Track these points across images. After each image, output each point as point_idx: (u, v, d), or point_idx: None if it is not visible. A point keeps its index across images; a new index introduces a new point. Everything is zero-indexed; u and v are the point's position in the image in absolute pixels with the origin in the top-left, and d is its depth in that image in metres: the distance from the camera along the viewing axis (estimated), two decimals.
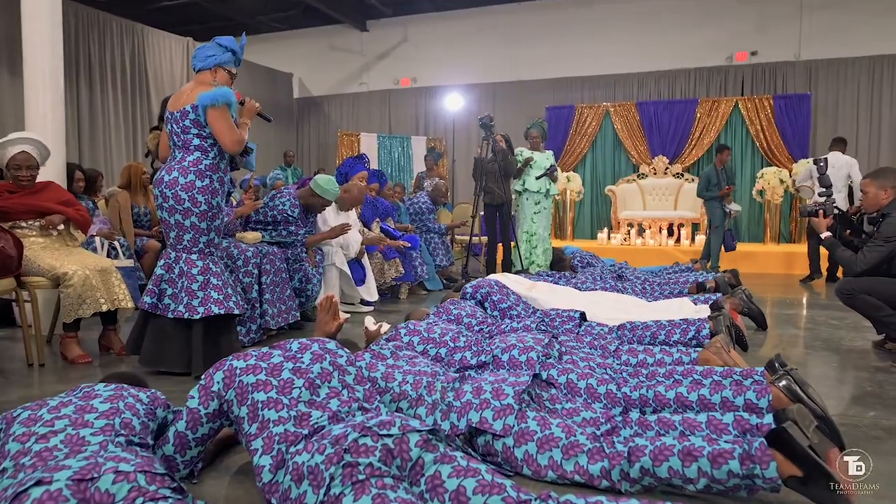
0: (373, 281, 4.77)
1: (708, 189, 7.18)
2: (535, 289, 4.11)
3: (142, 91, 10.49)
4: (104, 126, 10.09)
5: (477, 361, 2.54)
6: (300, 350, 1.88)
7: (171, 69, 10.96)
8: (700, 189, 7.32)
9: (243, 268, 3.61)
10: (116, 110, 10.29)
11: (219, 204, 3.01)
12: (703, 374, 2.42)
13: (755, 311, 4.04)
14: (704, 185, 7.22)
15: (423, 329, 2.71)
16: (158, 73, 10.74)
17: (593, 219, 10.72)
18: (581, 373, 2.36)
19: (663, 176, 9.59)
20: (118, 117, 10.32)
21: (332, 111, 14.35)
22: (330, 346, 1.93)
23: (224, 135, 2.90)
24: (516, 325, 3.09)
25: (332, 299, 2.42)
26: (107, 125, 10.14)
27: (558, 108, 10.85)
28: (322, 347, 1.91)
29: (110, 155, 10.09)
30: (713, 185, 7.16)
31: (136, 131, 10.50)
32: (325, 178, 4.15)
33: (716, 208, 7.14)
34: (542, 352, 2.45)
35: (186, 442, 1.77)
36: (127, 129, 10.36)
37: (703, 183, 7.27)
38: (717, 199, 7.13)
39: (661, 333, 3.15)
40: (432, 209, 6.30)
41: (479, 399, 1.95)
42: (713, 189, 7.14)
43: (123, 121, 10.40)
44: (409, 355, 2.36)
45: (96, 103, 9.95)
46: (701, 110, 9.89)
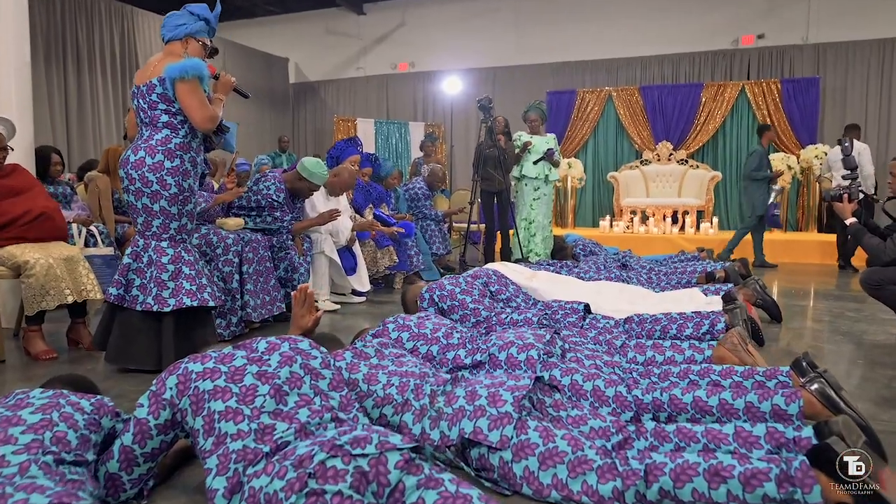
0: (365, 270, 4.53)
1: (758, 169, 6.66)
2: (536, 278, 3.87)
3: (132, 75, 10.17)
4: (93, 111, 9.81)
5: (472, 361, 2.30)
6: (267, 351, 1.64)
7: None
8: (750, 169, 6.72)
9: (223, 256, 3.37)
10: (106, 95, 10.01)
11: (190, 186, 2.76)
12: (722, 374, 2.18)
13: (769, 302, 3.81)
14: (756, 166, 6.67)
15: (414, 324, 2.48)
16: (149, 56, 10.42)
17: (595, 206, 10.46)
18: (587, 373, 2.13)
19: (667, 162, 9.32)
20: (108, 102, 10.05)
21: (328, 96, 14.06)
22: (302, 346, 1.69)
23: (194, 111, 2.64)
24: (516, 316, 2.85)
25: (306, 291, 2.18)
26: (96, 110, 9.87)
27: (559, 93, 10.56)
28: (293, 348, 1.67)
29: (100, 140, 9.81)
30: (763, 167, 6.67)
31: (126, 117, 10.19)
32: (312, 160, 3.90)
33: (761, 192, 6.73)
34: (543, 350, 2.22)
35: (133, 458, 1.53)
36: (117, 113, 10.07)
37: (754, 163, 6.70)
38: (764, 183, 6.66)
39: (673, 327, 2.92)
40: (428, 195, 6.04)
41: (474, 406, 1.72)
42: (763, 171, 6.66)
43: (113, 105, 10.12)
44: (396, 353, 2.12)
45: (84, 88, 9.67)
46: (706, 95, 9.60)
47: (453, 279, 3.10)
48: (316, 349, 1.72)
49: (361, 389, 1.91)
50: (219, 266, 3.35)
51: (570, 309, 3.16)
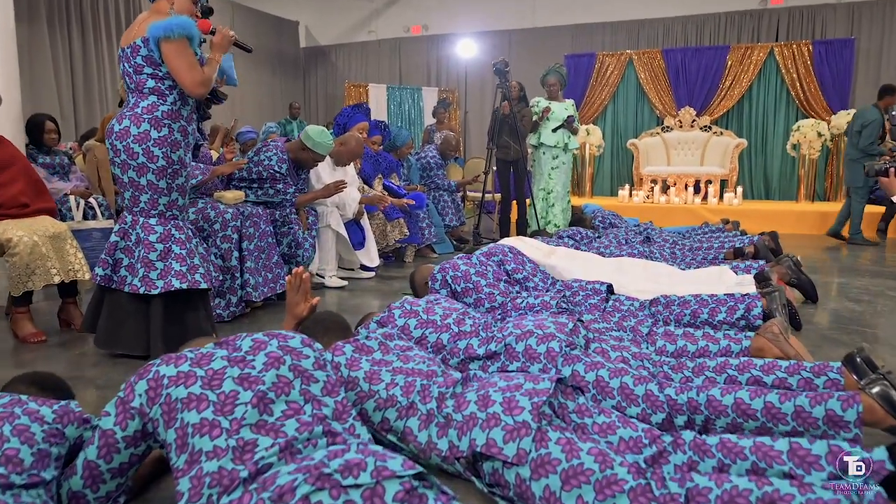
0: (373, 244, 4.32)
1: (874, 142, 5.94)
2: (555, 255, 3.64)
3: None
4: (99, 77, 9.56)
5: (485, 351, 2.09)
6: (252, 350, 1.44)
7: None
8: (868, 142, 6.00)
9: (221, 232, 3.17)
10: (112, 60, 9.73)
11: (181, 159, 2.54)
12: (764, 369, 1.96)
13: (805, 281, 3.55)
14: (875, 133, 5.95)
15: (422, 309, 2.27)
16: None
17: (614, 175, 10.13)
18: (613, 369, 1.91)
19: (689, 129, 8.93)
20: (115, 67, 9.78)
21: (339, 61, 13.69)
22: (293, 344, 1.49)
23: (183, 74, 2.41)
24: (533, 300, 2.63)
25: (300, 275, 1.97)
26: (102, 76, 9.61)
27: (578, 57, 10.15)
28: (282, 346, 1.47)
29: (107, 108, 9.58)
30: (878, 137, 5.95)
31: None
32: (316, 129, 3.66)
33: None
34: (564, 341, 2.00)
35: (98, 474, 1.35)
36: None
37: (873, 131, 5.96)
38: (876, 155, 5.88)
39: (704, 311, 2.68)
40: (441, 164, 5.79)
41: (487, 413, 1.51)
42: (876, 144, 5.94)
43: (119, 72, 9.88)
44: (402, 347, 1.92)
45: (90, 53, 9.40)
46: (732, 58, 9.15)
47: (467, 259, 2.88)
48: (309, 346, 1.52)
49: (362, 389, 1.72)
50: (216, 242, 3.16)
51: (591, 290, 2.93)
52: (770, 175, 9.28)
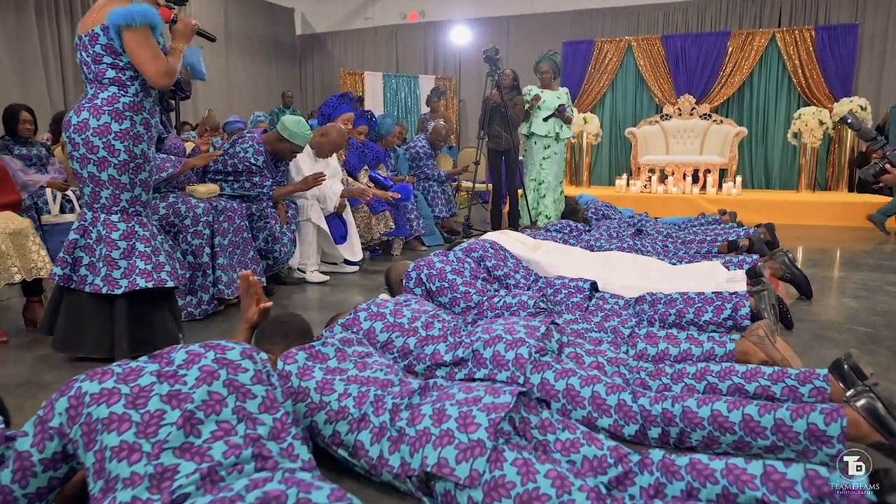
0: (356, 238, 4.21)
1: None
2: (540, 250, 3.53)
3: None
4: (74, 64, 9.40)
5: (452, 357, 1.99)
6: (185, 364, 1.34)
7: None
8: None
9: (192, 227, 3.06)
10: None
11: (144, 152, 2.43)
12: (747, 376, 1.85)
13: (799, 276, 3.43)
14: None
15: (389, 312, 2.16)
16: None
17: (612, 164, 9.99)
18: (585, 377, 1.81)
19: (689, 117, 8.77)
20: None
21: (336, 49, 13.51)
22: (231, 356, 1.39)
23: (146, 64, 2.29)
24: (510, 299, 2.52)
25: (248, 278, 1.87)
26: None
27: (576, 43, 9.97)
28: (218, 359, 1.36)
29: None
30: None
31: None
32: (293, 119, 3.54)
33: None
34: (535, 346, 1.90)
35: (12, 500, 1.25)
36: None
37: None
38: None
39: (690, 311, 2.57)
40: (430, 154, 5.66)
41: (440, 429, 1.41)
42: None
43: None
44: (361, 353, 1.82)
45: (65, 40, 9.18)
46: (733, 44, 8.97)
47: (443, 255, 2.77)
48: (249, 358, 1.41)
49: (313, 400, 1.61)
50: (187, 238, 3.05)
51: (574, 287, 2.83)
52: (770, 164, 9.13)
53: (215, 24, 11.48)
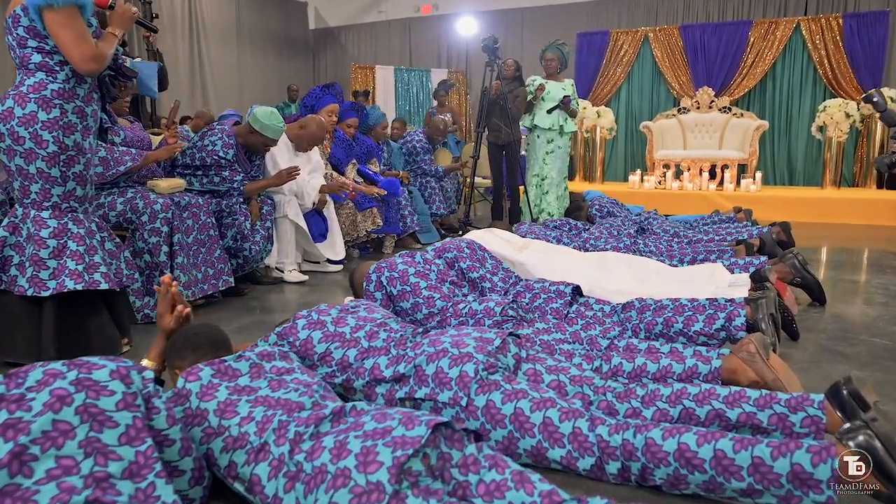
0: (339, 236, 4.00)
1: None
2: (528, 249, 3.27)
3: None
4: None
5: (393, 373, 1.76)
6: (37, 386, 1.13)
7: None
8: None
9: (149, 224, 2.87)
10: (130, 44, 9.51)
11: (77, 144, 2.24)
12: (729, 400, 1.59)
13: (811, 280, 3.13)
14: None
15: (331, 320, 1.94)
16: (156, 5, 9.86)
17: (627, 159, 9.65)
18: (538, 400, 1.57)
19: (707, 110, 8.39)
20: None
21: (349, 43, 13.34)
22: (98, 376, 1.18)
23: (70, 48, 2.10)
24: (476, 306, 2.28)
25: (168, 284, 1.66)
26: None
27: (590, 35, 9.64)
28: (79, 380, 1.15)
29: None
30: None
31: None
32: (265, 110, 3.34)
33: None
34: (483, 362, 1.66)
35: None
36: None
37: None
38: None
39: (678, 320, 2.30)
40: (428, 149, 5.43)
41: (337, 467, 1.18)
42: None
43: None
44: (280, 369, 1.59)
45: None
46: (755, 34, 8.57)
47: (409, 256, 2.54)
48: (120, 380, 1.20)
49: (210, 424, 1.40)
50: (144, 236, 2.86)
51: (554, 292, 2.57)
52: (794, 159, 8.71)
53: (227, 19, 11.40)
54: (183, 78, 10.44)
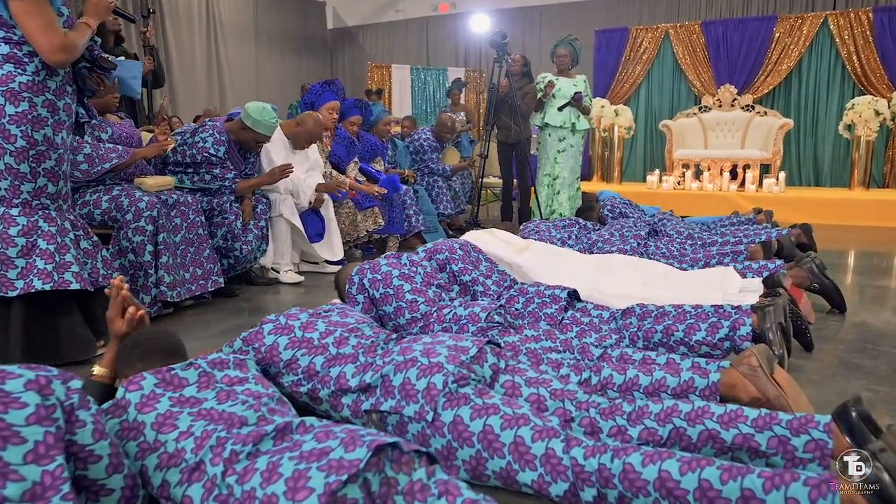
0: (337, 236, 3.89)
1: None
2: (528, 251, 3.13)
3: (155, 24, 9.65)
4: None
5: (359, 382, 1.64)
6: None
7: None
8: None
9: (133, 223, 2.79)
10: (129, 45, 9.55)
11: (48, 138, 2.16)
12: (724, 420, 1.43)
13: (829, 286, 2.93)
14: None
15: (300, 325, 1.82)
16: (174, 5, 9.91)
17: (647, 159, 9.40)
18: (511, 416, 1.43)
19: (730, 109, 8.13)
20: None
21: (366, 42, 13.29)
22: (9, 387, 1.07)
23: (37, 36, 2.02)
24: (461, 311, 2.15)
25: (118, 286, 1.56)
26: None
27: (609, 32, 9.42)
28: None
29: None
30: None
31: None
32: (256, 105, 3.25)
33: None
34: (454, 373, 1.52)
35: None
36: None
37: None
38: None
39: (679, 328, 2.14)
40: (436, 147, 5.30)
41: (265, 493, 1.06)
42: None
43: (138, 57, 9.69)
44: (232, 379, 1.48)
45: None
46: (780, 29, 8.27)
47: (395, 258, 2.41)
48: (37, 391, 1.09)
49: (146, 439, 1.28)
50: (128, 235, 2.78)
51: (549, 296, 2.42)
52: (821, 159, 8.40)
53: (245, 18, 11.41)
54: (200, 77, 10.47)
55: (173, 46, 9.86)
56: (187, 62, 10.20)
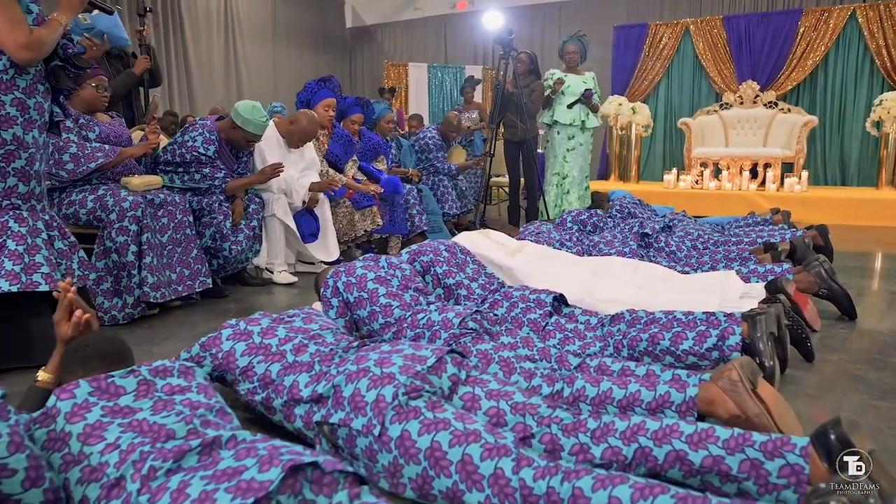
0: (332, 236, 3.82)
1: None
2: (522, 253, 3.03)
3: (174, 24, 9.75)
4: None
5: (311, 393, 1.56)
6: None
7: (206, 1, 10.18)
8: None
9: (117, 223, 2.75)
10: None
11: (18, 138, 2.12)
12: (693, 440, 1.33)
13: (838, 292, 2.77)
14: None
15: (260, 330, 1.75)
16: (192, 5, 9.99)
17: (666, 158, 9.21)
18: (461, 432, 1.34)
19: (752, 105, 7.89)
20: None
21: (385, 41, 13.27)
22: None
23: (2, 34, 1.98)
24: (435, 316, 2.05)
25: (66, 289, 1.51)
26: None
27: (628, 28, 9.24)
28: None
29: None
30: None
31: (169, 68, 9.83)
32: (246, 104, 3.20)
33: None
34: (406, 385, 1.44)
35: None
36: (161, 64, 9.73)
37: None
38: None
39: (665, 336, 2.02)
40: (441, 146, 5.21)
41: None
42: None
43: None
44: (173, 388, 1.41)
45: None
46: (805, 23, 8.02)
47: (372, 260, 2.33)
48: None
49: (71, 451, 1.22)
50: (111, 235, 2.75)
51: (534, 301, 2.32)
52: (847, 157, 8.11)
53: (263, 16, 11.45)
54: (218, 75, 10.54)
55: (191, 47, 9.93)
56: (205, 62, 10.26)
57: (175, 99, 9.72)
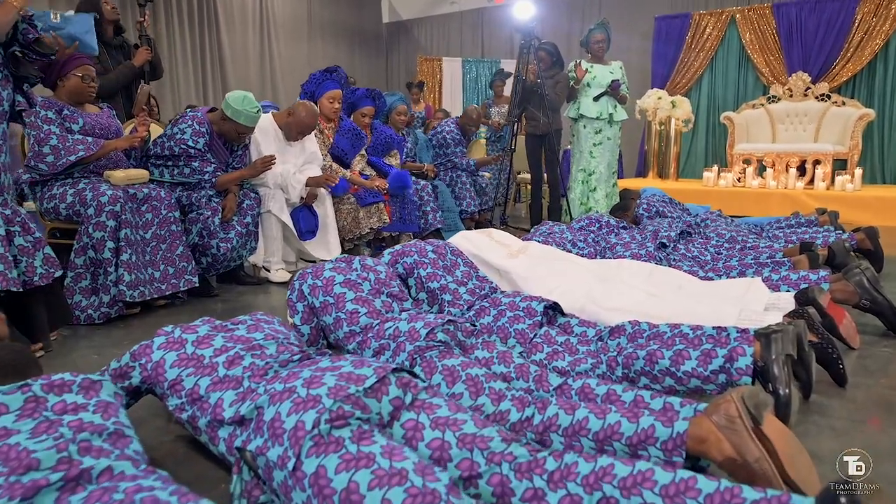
0: (333, 233, 3.64)
1: None
2: (523, 255, 2.78)
3: (210, 22, 9.79)
4: (171, 61, 9.54)
5: (233, 414, 1.37)
6: None
7: None
8: None
9: (94, 218, 2.63)
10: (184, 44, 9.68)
11: None
12: (668, 493, 1.09)
13: (883, 304, 2.43)
14: None
15: (194, 339, 1.56)
16: (228, 2, 10.01)
17: (709, 154, 8.75)
18: (384, 472, 1.12)
19: (802, 98, 7.39)
20: (185, 52, 9.71)
21: (422, 36, 13.10)
22: None
23: None
24: (404, 326, 1.83)
25: None
26: (174, 59, 9.57)
27: (670, 18, 8.81)
28: None
29: (178, 91, 9.57)
30: None
31: (204, 66, 9.89)
32: (237, 95, 3.04)
33: None
34: (334, 412, 1.23)
35: None
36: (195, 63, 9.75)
37: None
38: None
39: (665, 355, 1.75)
40: (460, 140, 4.98)
41: None
42: None
43: (191, 55, 9.79)
44: (68, 406, 1.23)
45: (161, 37, 9.39)
46: (863, 10, 7.45)
47: (345, 262, 2.13)
48: None
49: None
50: (88, 231, 2.63)
51: (524, 309, 2.08)
52: (886, 154, 7.51)
53: (299, 13, 11.43)
54: (253, 72, 10.55)
55: (227, 46, 9.98)
56: (240, 59, 10.29)
57: (210, 97, 9.74)
